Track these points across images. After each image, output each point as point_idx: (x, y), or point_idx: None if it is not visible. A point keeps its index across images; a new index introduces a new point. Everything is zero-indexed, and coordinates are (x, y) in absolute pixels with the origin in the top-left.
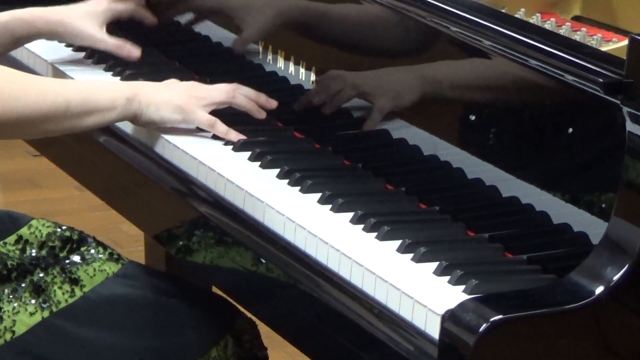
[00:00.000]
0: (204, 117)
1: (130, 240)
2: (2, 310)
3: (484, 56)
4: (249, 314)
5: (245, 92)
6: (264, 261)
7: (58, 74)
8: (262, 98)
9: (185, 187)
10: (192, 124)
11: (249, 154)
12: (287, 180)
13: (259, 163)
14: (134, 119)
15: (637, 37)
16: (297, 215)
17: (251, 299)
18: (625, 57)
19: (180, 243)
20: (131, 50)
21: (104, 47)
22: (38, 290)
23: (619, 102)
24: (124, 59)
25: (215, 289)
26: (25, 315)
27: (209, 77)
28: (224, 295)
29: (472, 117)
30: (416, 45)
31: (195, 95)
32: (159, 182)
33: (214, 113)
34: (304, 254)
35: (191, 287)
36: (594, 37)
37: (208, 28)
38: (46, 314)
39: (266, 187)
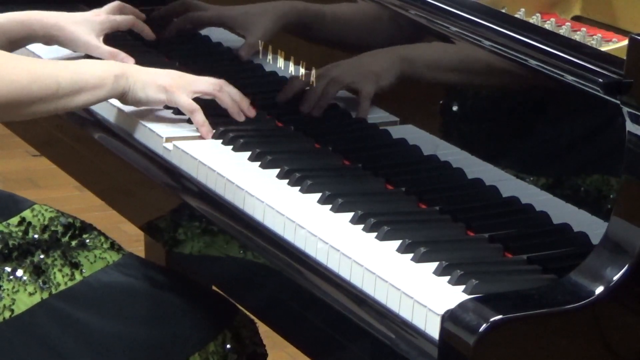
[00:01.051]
0: (186, 101)
1: (131, 240)
2: (2, 288)
3: (485, 56)
4: (248, 313)
5: (230, 90)
6: (263, 261)
7: None
8: (245, 103)
9: (185, 187)
10: (174, 105)
11: (249, 154)
12: (287, 180)
13: (259, 163)
14: (122, 96)
15: (637, 37)
16: (297, 215)
17: (250, 298)
18: (625, 57)
19: (180, 243)
20: (125, 60)
21: (98, 55)
22: (38, 272)
23: (618, 102)
24: None
25: (215, 289)
26: (24, 294)
27: (209, 77)
28: (224, 294)
29: (472, 117)
30: (421, 46)
31: (181, 79)
32: (158, 182)
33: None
34: (304, 254)
35: (191, 283)
36: (594, 37)
37: (208, 28)
38: (45, 295)
39: (266, 187)
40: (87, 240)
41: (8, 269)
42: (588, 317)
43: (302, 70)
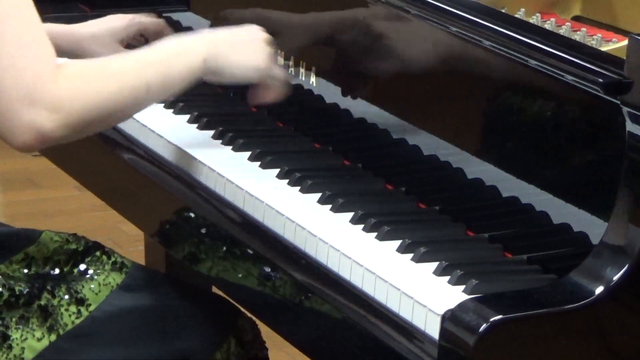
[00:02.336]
0: (282, 74)
1: (131, 240)
2: (11, 338)
3: (485, 56)
4: (248, 313)
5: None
6: (263, 261)
7: None
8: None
9: (184, 187)
10: (270, 82)
11: (249, 154)
12: (287, 180)
13: (259, 163)
14: (212, 76)
15: (637, 37)
16: (297, 215)
17: (251, 299)
18: (625, 57)
19: (181, 244)
20: None
21: None
22: (45, 315)
23: (619, 102)
24: None
25: (215, 289)
26: (33, 340)
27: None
28: (224, 295)
29: (472, 117)
30: (421, 46)
31: (266, 51)
32: (158, 183)
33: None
34: (304, 254)
35: (193, 290)
36: (594, 37)
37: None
38: (53, 337)
39: (266, 187)
40: (90, 267)
41: (15, 317)
42: (588, 317)
43: (302, 70)
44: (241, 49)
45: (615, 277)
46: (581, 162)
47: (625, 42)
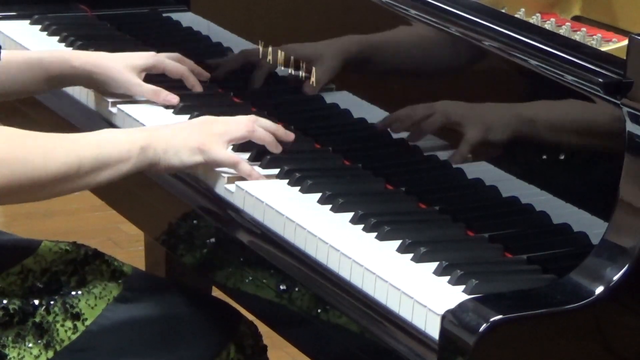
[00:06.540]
0: (226, 156)
1: (131, 240)
2: (9, 357)
3: (485, 56)
4: (248, 314)
5: (263, 124)
6: (263, 262)
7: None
8: (281, 130)
9: (184, 187)
10: (214, 164)
11: (248, 154)
12: (287, 180)
13: (259, 163)
14: (151, 167)
15: (637, 37)
16: (297, 215)
17: (251, 299)
18: (625, 57)
19: (180, 245)
20: (168, 97)
21: (140, 93)
22: (41, 332)
23: (619, 102)
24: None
25: (215, 289)
26: (30, 358)
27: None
28: (224, 295)
29: (472, 117)
30: (421, 47)
31: (213, 132)
32: (158, 183)
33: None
34: (304, 254)
35: (193, 295)
36: (594, 37)
37: (207, 29)
38: (50, 354)
39: (266, 187)
40: (88, 277)
41: (11, 336)
42: (588, 317)
43: (301, 70)
44: (179, 133)
45: (615, 277)
46: (581, 162)
47: (625, 42)
